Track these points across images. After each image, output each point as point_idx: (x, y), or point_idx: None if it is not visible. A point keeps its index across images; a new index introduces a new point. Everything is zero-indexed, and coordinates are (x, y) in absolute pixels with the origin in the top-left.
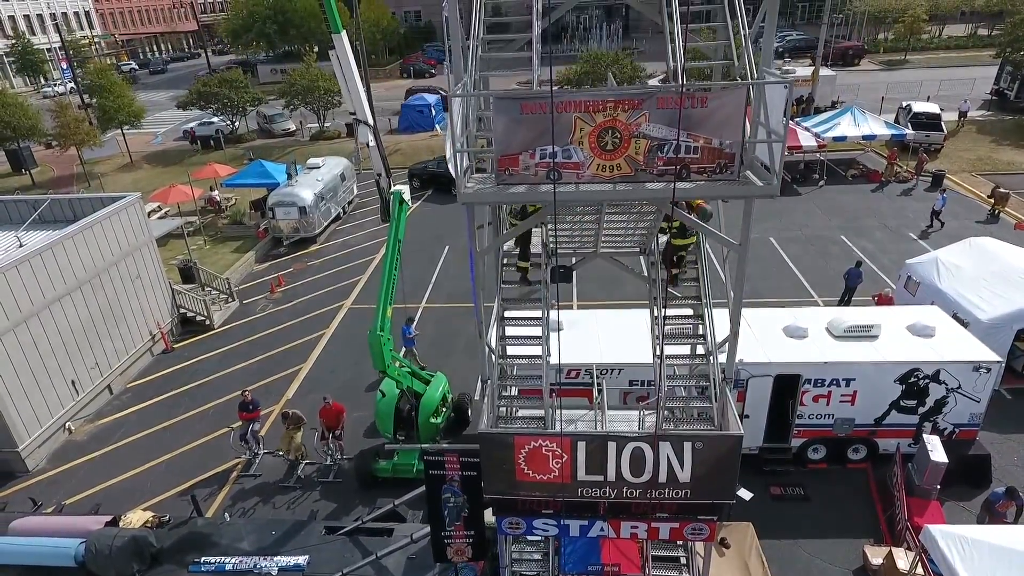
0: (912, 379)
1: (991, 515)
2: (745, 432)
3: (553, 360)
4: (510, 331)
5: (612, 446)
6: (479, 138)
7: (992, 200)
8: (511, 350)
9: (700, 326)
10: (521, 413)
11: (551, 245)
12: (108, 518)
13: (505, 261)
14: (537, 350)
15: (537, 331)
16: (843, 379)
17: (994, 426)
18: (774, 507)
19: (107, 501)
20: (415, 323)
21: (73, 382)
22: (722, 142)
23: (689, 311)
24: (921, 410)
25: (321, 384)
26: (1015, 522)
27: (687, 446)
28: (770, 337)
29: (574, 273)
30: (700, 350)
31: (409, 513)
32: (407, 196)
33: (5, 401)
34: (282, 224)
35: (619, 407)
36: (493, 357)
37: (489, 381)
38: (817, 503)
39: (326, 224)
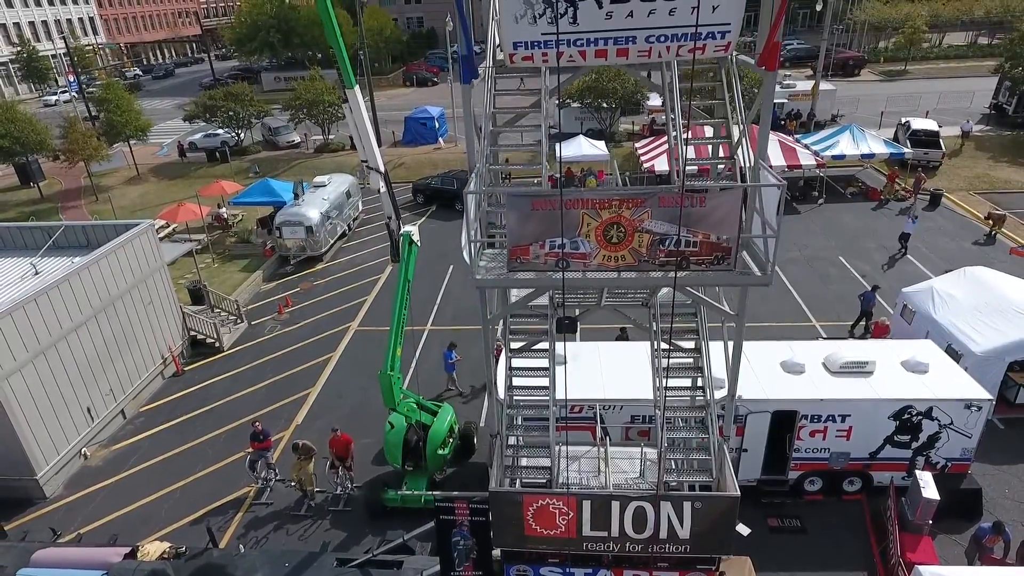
0: (906, 416)
1: (979, 549)
2: (743, 465)
3: (558, 396)
4: (517, 381)
5: (616, 505)
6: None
7: (989, 222)
8: (519, 398)
9: (699, 378)
10: (527, 463)
11: (557, 299)
12: (127, 549)
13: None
14: (545, 397)
15: (544, 381)
16: (839, 415)
17: (987, 456)
18: (772, 539)
19: (124, 529)
20: (456, 348)
21: (88, 409)
22: (720, 237)
23: (689, 360)
24: (914, 445)
25: (329, 409)
26: (1003, 556)
27: (687, 506)
28: (768, 372)
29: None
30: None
31: (418, 546)
32: (416, 237)
33: (24, 431)
34: (289, 243)
35: (621, 443)
36: (502, 413)
37: (498, 437)
38: (814, 535)
39: (332, 242)
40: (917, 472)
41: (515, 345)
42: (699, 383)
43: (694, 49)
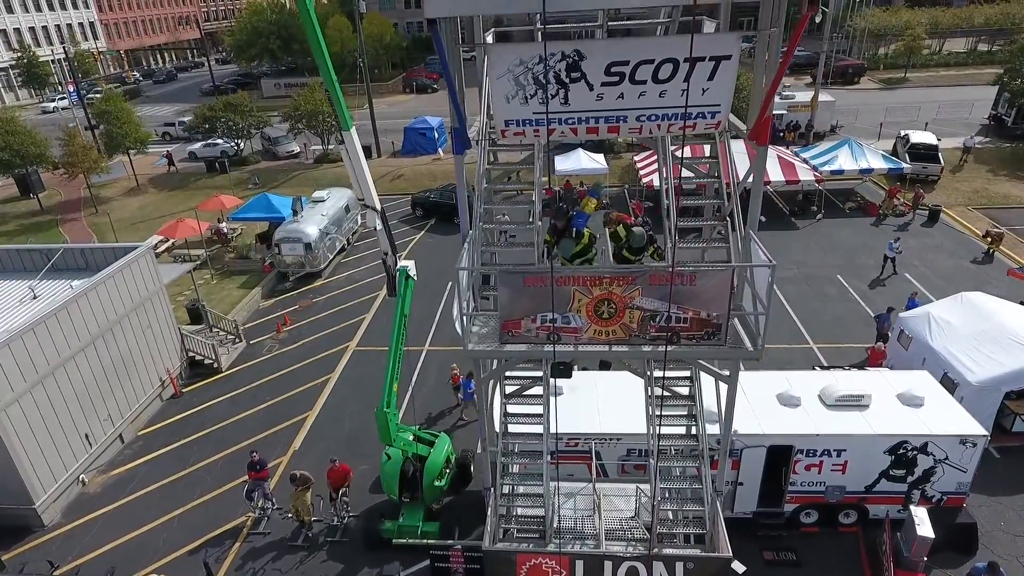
0: (901, 450)
1: None
2: (739, 497)
3: (552, 428)
4: (512, 428)
5: (608, 565)
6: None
7: (988, 240)
8: (514, 441)
9: (694, 426)
10: (521, 511)
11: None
12: None
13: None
14: (538, 443)
15: (538, 428)
16: (834, 450)
17: (982, 487)
18: (767, 573)
19: (121, 560)
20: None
21: (87, 435)
22: (710, 313)
23: (684, 409)
24: (910, 479)
25: (327, 434)
26: None
27: (679, 566)
28: (764, 405)
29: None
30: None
31: None
32: (413, 272)
33: (22, 461)
34: (288, 259)
35: (616, 479)
36: (496, 467)
37: (492, 489)
38: (808, 569)
39: (332, 258)
40: (912, 508)
41: (509, 389)
42: (693, 431)
43: (684, 127)
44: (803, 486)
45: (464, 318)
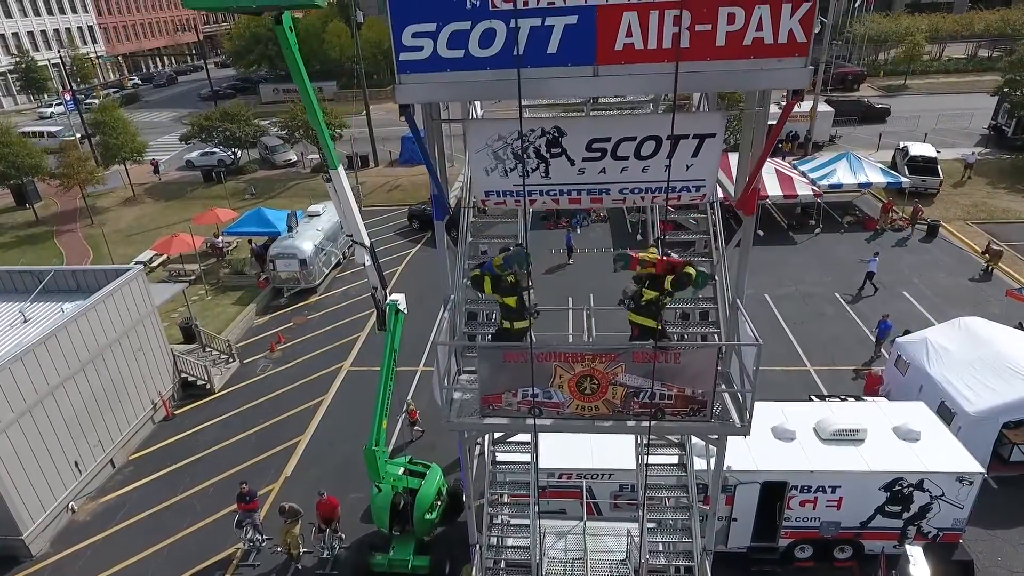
0: (897, 487)
1: None
2: (733, 532)
3: (543, 464)
4: (500, 476)
5: None
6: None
7: (987, 256)
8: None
9: (684, 475)
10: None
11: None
12: None
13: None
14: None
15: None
16: (829, 486)
17: (980, 520)
18: None
19: None
20: None
21: (76, 463)
22: (695, 391)
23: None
24: (906, 515)
25: (319, 459)
26: None
27: None
28: (758, 439)
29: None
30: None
31: None
32: (403, 306)
33: (10, 491)
34: (283, 275)
35: (607, 518)
36: (483, 518)
37: (479, 545)
38: None
39: (327, 272)
40: (907, 546)
41: (497, 433)
42: (683, 480)
43: (667, 200)
44: (798, 521)
45: (443, 392)
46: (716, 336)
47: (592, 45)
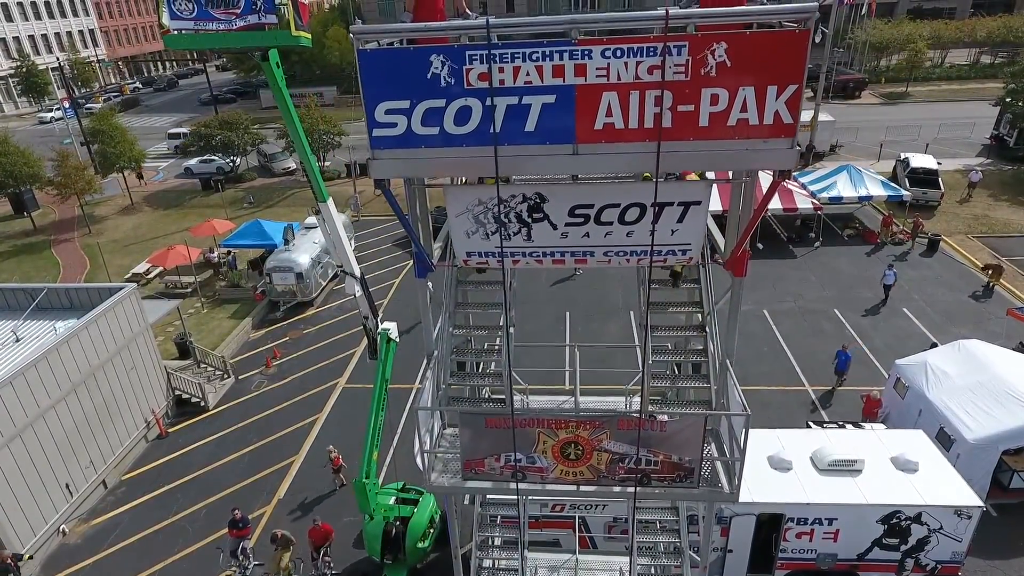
0: (894, 520)
1: None
2: (729, 564)
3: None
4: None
5: None
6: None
7: (988, 272)
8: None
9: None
10: None
11: None
12: None
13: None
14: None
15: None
16: (826, 518)
17: (979, 549)
18: None
19: None
20: None
21: (68, 485)
22: (682, 458)
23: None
24: (903, 547)
25: (312, 481)
26: None
27: None
28: (754, 469)
29: None
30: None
31: None
32: (394, 334)
33: (0, 515)
34: (279, 288)
35: (601, 551)
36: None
37: None
38: None
39: (324, 285)
40: None
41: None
42: (675, 525)
43: (651, 263)
44: (794, 553)
45: (425, 456)
46: (705, 394)
47: (571, 124)
